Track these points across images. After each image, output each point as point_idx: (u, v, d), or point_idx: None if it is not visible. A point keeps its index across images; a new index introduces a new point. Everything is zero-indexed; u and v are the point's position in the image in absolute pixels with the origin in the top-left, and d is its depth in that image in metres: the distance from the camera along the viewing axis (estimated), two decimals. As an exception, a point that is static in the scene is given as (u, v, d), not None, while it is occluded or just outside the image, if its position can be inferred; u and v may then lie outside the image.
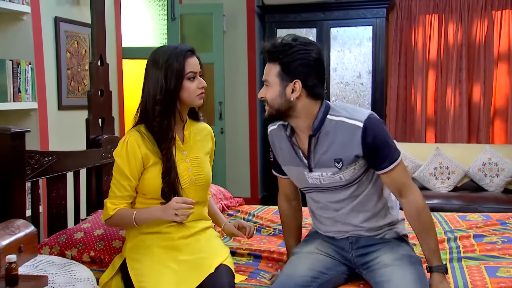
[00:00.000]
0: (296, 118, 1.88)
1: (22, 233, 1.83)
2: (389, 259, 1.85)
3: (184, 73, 1.95)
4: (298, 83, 1.83)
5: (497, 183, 4.61)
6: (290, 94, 1.84)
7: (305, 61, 1.83)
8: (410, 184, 1.89)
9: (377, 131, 1.83)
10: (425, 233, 1.87)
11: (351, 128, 1.83)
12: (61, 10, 3.48)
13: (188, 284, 1.86)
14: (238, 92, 5.68)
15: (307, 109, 1.87)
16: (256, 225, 2.71)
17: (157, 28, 4.78)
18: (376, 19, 5.21)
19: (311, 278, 1.82)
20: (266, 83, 1.89)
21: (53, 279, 1.68)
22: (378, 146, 1.83)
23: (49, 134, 3.31)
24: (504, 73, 5.18)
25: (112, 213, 1.97)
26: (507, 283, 1.89)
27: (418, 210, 1.87)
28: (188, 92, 1.98)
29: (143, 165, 1.98)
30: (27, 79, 3.10)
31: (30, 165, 2.13)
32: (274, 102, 1.86)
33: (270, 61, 1.88)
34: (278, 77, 1.85)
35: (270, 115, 1.91)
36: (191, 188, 2.03)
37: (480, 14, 5.17)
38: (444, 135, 5.34)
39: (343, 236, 1.99)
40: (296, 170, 1.99)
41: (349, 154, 1.84)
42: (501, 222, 2.62)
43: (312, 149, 1.90)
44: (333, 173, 1.89)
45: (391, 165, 1.84)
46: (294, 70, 1.83)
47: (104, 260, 2.16)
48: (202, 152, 2.11)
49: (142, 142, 1.97)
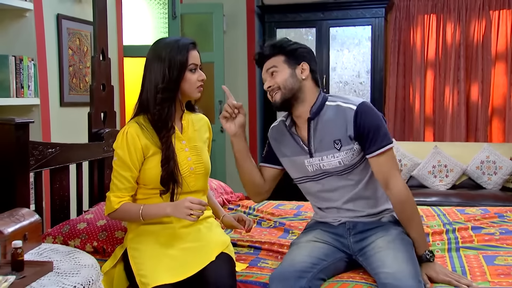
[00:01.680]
0: (302, 102, 2.02)
1: (27, 221, 1.85)
2: (383, 243, 1.91)
3: (187, 64, 1.99)
4: (305, 64, 2.03)
5: (495, 181, 4.65)
6: (300, 74, 2.02)
7: (306, 50, 2.08)
8: (396, 174, 1.96)
9: (369, 115, 1.95)
10: (409, 224, 1.96)
11: (346, 110, 1.97)
12: (63, 8, 3.52)
13: (188, 271, 1.88)
14: (238, 92, 5.71)
15: (311, 93, 2.03)
16: (256, 218, 2.75)
17: (158, 27, 4.82)
18: (375, 19, 5.25)
19: (311, 265, 1.86)
20: (273, 70, 2.03)
21: (57, 265, 1.70)
22: (368, 129, 1.93)
23: (51, 130, 3.34)
24: (502, 72, 5.21)
25: (117, 207, 1.98)
26: (505, 270, 1.92)
27: (402, 201, 1.94)
28: (189, 83, 2.01)
29: (143, 156, 2.00)
30: (30, 75, 3.13)
31: (34, 156, 2.15)
32: (287, 83, 2.00)
33: (272, 56, 2.05)
34: (285, 63, 2.03)
35: (284, 98, 2.02)
36: (191, 176, 2.06)
37: (478, 14, 5.21)
38: (442, 134, 5.37)
39: (341, 222, 2.04)
40: (296, 160, 2.07)
41: (345, 135, 1.96)
42: (499, 215, 2.64)
43: (312, 134, 2.01)
44: (333, 155, 1.97)
45: (379, 150, 1.93)
46: (299, 55, 2.04)
47: (107, 250, 2.19)
48: (200, 141, 2.14)
49: (141, 132, 1.99)
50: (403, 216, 1.96)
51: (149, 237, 1.99)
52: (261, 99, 5.80)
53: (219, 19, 5.28)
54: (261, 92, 5.78)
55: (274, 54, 2.04)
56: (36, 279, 1.57)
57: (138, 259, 1.94)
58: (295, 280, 1.77)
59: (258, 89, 5.77)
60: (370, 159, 1.96)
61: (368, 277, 1.90)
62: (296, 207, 2.94)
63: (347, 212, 2.04)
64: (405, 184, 1.97)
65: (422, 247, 1.94)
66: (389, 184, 1.94)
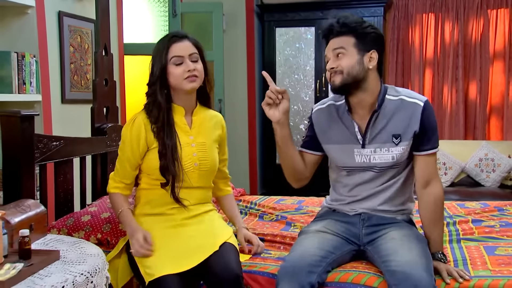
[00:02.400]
0: (364, 91, 1.95)
1: (33, 212, 1.87)
2: (397, 235, 1.90)
3: (168, 58, 2.02)
4: (375, 53, 1.93)
5: (493, 178, 4.68)
6: (368, 62, 1.93)
7: (379, 36, 1.96)
8: (438, 176, 1.98)
9: (432, 113, 1.97)
10: (435, 223, 1.95)
11: (412, 105, 1.94)
12: (65, 5, 3.53)
13: (192, 261, 1.89)
14: (238, 90, 5.73)
15: (374, 83, 1.96)
16: (258, 212, 2.77)
17: (158, 25, 4.84)
18: (373, 18, 5.28)
19: (320, 258, 1.85)
20: (341, 52, 1.92)
21: (64, 255, 1.71)
22: (429, 127, 1.94)
23: (53, 127, 3.35)
24: (500, 71, 5.25)
25: (111, 191, 2.10)
26: (505, 260, 1.95)
27: (437, 201, 1.94)
28: (174, 77, 2.04)
29: (147, 145, 2.03)
30: (32, 72, 3.14)
31: (39, 148, 2.17)
32: (353, 69, 1.91)
33: (341, 34, 1.93)
34: (355, 47, 1.92)
35: (345, 82, 1.92)
36: (195, 172, 2.07)
37: (476, 13, 5.24)
38: (441, 132, 5.39)
39: (357, 212, 2.04)
40: (344, 148, 2.02)
41: (409, 130, 1.93)
42: (499, 208, 2.67)
43: (371, 125, 1.97)
44: (388, 149, 1.95)
45: (432, 150, 1.95)
46: (370, 42, 1.93)
47: (111, 242, 2.20)
48: (210, 138, 2.15)
49: (149, 122, 2.03)
50: (434, 216, 1.95)
51: (152, 228, 2.01)
52: (260, 98, 5.82)
53: (219, 18, 5.30)
54: (260, 91, 5.80)
55: (345, 34, 1.92)
56: (43, 267, 1.59)
57: None
58: (305, 275, 1.76)
59: (258, 88, 5.79)
60: (420, 157, 1.95)
61: (371, 267, 1.91)
62: (297, 202, 2.95)
63: (366, 203, 2.03)
64: (443, 186, 1.99)
65: (438, 247, 1.92)
66: (430, 184, 1.94)
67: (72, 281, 1.50)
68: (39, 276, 1.52)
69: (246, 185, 5.70)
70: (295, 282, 1.74)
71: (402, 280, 1.66)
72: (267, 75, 2.00)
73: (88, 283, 1.56)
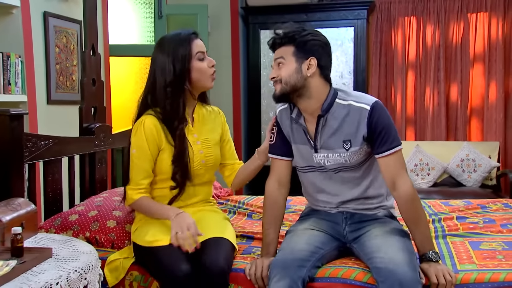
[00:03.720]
0: (307, 98, 1.96)
1: (24, 210, 1.87)
2: (379, 232, 1.93)
3: (193, 54, 2.03)
4: (313, 60, 1.93)
5: (474, 179, 4.76)
6: (306, 70, 1.93)
7: (318, 42, 1.95)
8: (404, 174, 1.93)
9: (382, 115, 1.92)
10: (416, 223, 1.91)
11: (359, 110, 1.93)
12: (50, 5, 3.51)
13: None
14: (223, 92, 5.73)
15: (318, 90, 1.95)
16: (247, 211, 2.79)
17: (143, 26, 4.82)
18: (357, 21, 5.34)
19: (310, 253, 1.88)
20: (280, 61, 1.96)
21: (56, 252, 1.72)
22: (380, 129, 1.91)
23: (38, 128, 3.33)
24: (480, 73, 5.34)
25: (136, 197, 2.04)
26: (490, 254, 2.00)
27: (409, 200, 1.90)
28: (200, 72, 2.05)
29: (157, 147, 2.05)
30: (17, 72, 3.12)
31: (28, 147, 2.16)
32: (291, 78, 1.93)
33: (283, 44, 1.96)
34: (293, 56, 1.94)
35: (283, 92, 1.95)
36: (202, 169, 2.12)
37: (456, 17, 5.34)
38: (423, 133, 5.48)
39: (338, 210, 2.07)
40: (304, 148, 2.05)
41: (358, 135, 1.93)
42: (482, 206, 2.73)
43: (319, 130, 1.98)
44: (340, 154, 1.97)
45: (389, 150, 1.92)
46: (309, 49, 1.93)
47: (100, 240, 2.20)
48: (211, 134, 2.19)
49: (158, 123, 2.04)
50: (410, 215, 1.92)
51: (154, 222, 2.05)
52: (245, 100, 5.84)
53: (204, 20, 5.31)
54: (245, 93, 5.83)
55: (285, 43, 1.95)
56: (36, 264, 1.59)
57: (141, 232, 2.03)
58: (295, 269, 1.79)
59: (243, 90, 5.81)
60: (379, 159, 1.94)
61: (360, 262, 1.94)
62: (285, 201, 2.97)
63: (346, 203, 2.06)
64: (412, 183, 1.95)
65: (428, 246, 1.89)
66: (396, 184, 1.91)
67: (66, 277, 1.51)
68: (33, 273, 1.52)
69: (231, 186, 5.71)
70: (286, 275, 1.77)
71: (387, 277, 1.69)
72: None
73: (82, 280, 1.56)
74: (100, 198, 2.46)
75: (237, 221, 2.65)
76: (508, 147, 5.25)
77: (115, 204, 2.37)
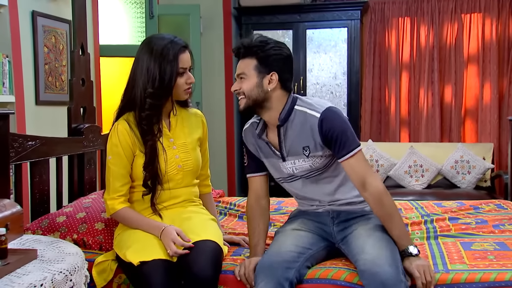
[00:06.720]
0: (269, 110, 1.99)
1: (9, 211, 1.83)
2: (363, 230, 1.93)
3: (179, 71, 2.00)
4: (275, 75, 1.96)
5: (469, 180, 4.75)
6: (267, 85, 1.96)
7: (280, 56, 1.97)
8: (371, 173, 1.94)
9: (334, 122, 1.92)
10: (389, 220, 1.91)
11: (311, 118, 1.95)
12: (38, 5, 3.48)
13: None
14: (215, 93, 5.72)
15: (278, 101, 1.99)
16: (238, 212, 2.77)
17: (134, 27, 4.79)
18: (350, 21, 5.33)
19: (297, 254, 1.88)
20: (242, 76, 1.99)
21: (42, 254, 1.68)
22: (335, 136, 1.92)
23: (26, 129, 3.29)
24: (474, 74, 5.34)
25: (119, 208, 2.02)
26: (481, 254, 1.99)
27: (380, 198, 1.90)
28: (178, 87, 2.04)
29: (132, 152, 2.02)
30: (5, 72, 3.08)
31: (14, 148, 2.12)
32: (252, 92, 1.96)
33: (246, 56, 1.98)
34: (255, 70, 1.96)
35: (247, 106, 2.00)
36: (179, 174, 2.08)
37: (450, 17, 5.33)
38: (417, 134, 5.47)
39: (325, 209, 2.06)
40: (272, 160, 2.08)
41: (315, 142, 1.95)
42: (474, 207, 2.71)
43: (282, 139, 2.01)
44: (304, 160, 1.98)
45: (349, 153, 1.92)
46: (271, 64, 1.95)
47: (87, 242, 2.17)
48: (190, 137, 2.15)
49: (130, 130, 2.02)
50: (383, 213, 1.91)
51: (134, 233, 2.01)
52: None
53: (196, 21, 5.28)
54: (238, 94, 5.80)
55: (248, 56, 1.97)
56: (20, 266, 1.56)
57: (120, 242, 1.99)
58: (282, 271, 1.79)
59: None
60: (343, 163, 1.94)
61: (350, 263, 1.93)
62: (277, 203, 2.95)
63: (330, 203, 2.06)
64: (381, 180, 1.95)
65: (406, 241, 1.89)
66: (365, 184, 1.91)
67: (51, 279, 1.47)
68: (17, 275, 1.49)
69: (224, 187, 5.68)
70: (272, 278, 1.76)
71: (370, 280, 1.71)
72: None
73: (67, 281, 1.53)
74: (89, 200, 2.43)
75: (228, 223, 2.62)
76: (502, 148, 5.24)
77: (104, 206, 2.33)
